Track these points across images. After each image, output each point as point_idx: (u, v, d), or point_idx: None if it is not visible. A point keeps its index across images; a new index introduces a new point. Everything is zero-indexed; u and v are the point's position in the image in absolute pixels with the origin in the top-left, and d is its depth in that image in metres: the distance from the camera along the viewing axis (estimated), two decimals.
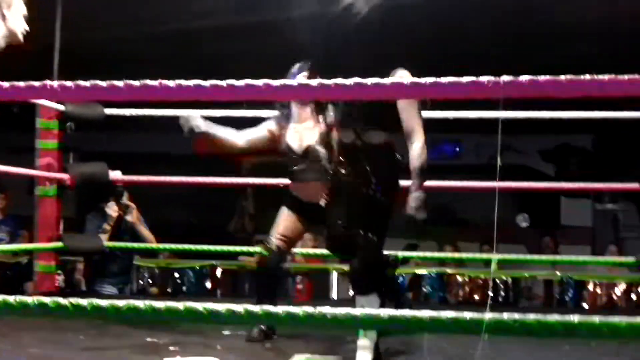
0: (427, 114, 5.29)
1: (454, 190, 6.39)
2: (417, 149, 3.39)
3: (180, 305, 1.85)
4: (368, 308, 3.28)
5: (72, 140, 5.65)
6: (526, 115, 5.13)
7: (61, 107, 5.22)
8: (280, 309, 1.83)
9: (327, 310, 1.81)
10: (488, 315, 1.73)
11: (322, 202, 3.59)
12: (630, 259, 5.46)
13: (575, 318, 1.72)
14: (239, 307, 1.82)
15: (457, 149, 10.64)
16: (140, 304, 1.85)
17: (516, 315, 1.74)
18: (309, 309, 1.81)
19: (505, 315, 1.75)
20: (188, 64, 8.34)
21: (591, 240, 9.95)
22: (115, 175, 5.45)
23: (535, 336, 1.72)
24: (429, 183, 5.65)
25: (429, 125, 6.04)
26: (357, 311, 1.87)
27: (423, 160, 3.42)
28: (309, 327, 2.80)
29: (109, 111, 5.45)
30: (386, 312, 1.88)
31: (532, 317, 1.73)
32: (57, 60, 5.46)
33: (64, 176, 5.30)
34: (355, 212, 3.34)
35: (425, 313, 1.79)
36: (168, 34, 7.54)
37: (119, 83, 1.84)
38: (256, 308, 1.85)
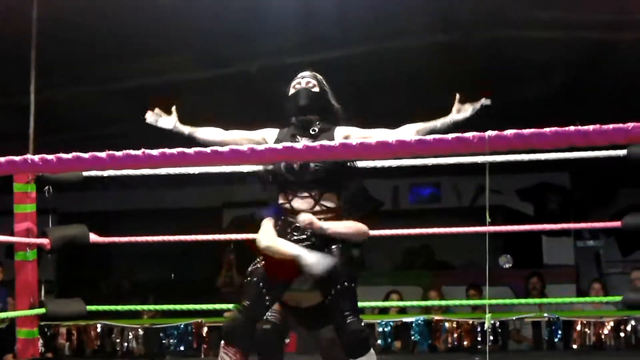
0: (403, 160, 5.38)
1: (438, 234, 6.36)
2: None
3: None
4: None
5: (51, 201, 5.61)
6: (505, 158, 5.16)
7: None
8: None
9: None
10: None
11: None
12: (616, 296, 5.50)
13: None
14: None
15: (435, 192, 10.67)
16: None
17: None
18: None
19: None
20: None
21: (575, 279, 9.96)
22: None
23: None
24: (415, 230, 5.65)
25: (406, 170, 6.15)
26: None
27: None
28: None
29: (86, 172, 5.41)
30: None
31: None
32: (32, 120, 5.46)
33: (44, 240, 5.24)
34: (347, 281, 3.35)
35: None
36: (134, 90, 7.61)
37: (102, 154, 1.82)
38: None
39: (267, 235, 3.39)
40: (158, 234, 5.63)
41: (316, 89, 3.60)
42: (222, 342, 3.38)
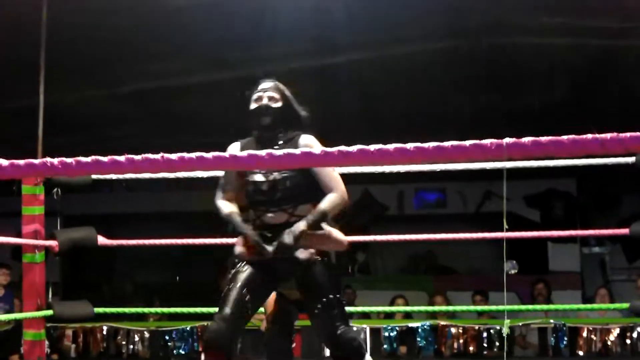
0: (410, 166, 5.37)
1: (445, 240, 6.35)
2: (332, 196, 3.35)
3: None
4: None
5: (59, 204, 5.60)
6: (513, 165, 5.15)
7: None
8: None
9: None
10: None
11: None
12: (623, 303, 5.50)
13: None
14: None
15: (440, 197, 10.65)
16: None
17: None
18: None
19: None
20: (154, 121, 8.45)
21: (580, 285, 9.95)
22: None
23: None
24: (422, 236, 5.65)
25: (412, 175, 6.15)
26: None
27: (331, 208, 3.34)
28: None
29: (95, 175, 5.41)
30: None
31: None
32: (41, 122, 5.46)
33: (52, 243, 5.24)
34: (331, 291, 3.35)
35: None
36: (133, 93, 7.63)
37: (121, 158, 1.83)
38: None
39: (240, 245, 3.45)
40: (163, 236, 5.64)
41: (278, 104, 3.49)
42: (203, 354, 3.36)
